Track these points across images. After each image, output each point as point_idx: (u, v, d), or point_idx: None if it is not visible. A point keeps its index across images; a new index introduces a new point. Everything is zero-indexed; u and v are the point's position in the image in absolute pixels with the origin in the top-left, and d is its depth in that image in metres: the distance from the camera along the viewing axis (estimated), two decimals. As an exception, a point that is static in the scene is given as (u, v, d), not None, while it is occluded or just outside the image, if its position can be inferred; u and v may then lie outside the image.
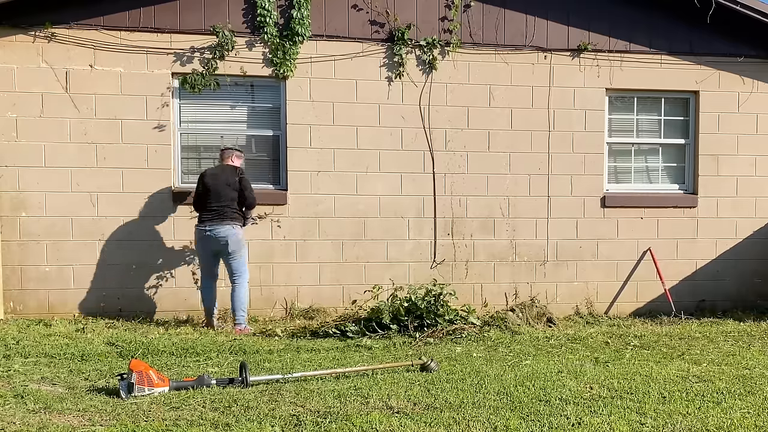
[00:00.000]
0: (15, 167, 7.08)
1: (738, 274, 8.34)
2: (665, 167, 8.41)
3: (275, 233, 7.54)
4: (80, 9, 7.14)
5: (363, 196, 7.70)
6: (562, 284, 8.05)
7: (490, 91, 7.88)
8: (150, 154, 7.30)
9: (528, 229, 8.00)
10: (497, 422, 3.89)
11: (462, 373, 5.07)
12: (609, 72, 8.07)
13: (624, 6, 8.06)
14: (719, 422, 3.96)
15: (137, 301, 7.33)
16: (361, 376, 5.00)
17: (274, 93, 7.64)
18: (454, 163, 7.83)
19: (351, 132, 7.66)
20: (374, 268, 7.72)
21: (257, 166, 7.71)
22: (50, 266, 7.18)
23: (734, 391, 4.62)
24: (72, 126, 7.16)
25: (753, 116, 8.33)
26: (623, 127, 8.34)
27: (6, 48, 7.05)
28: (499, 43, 7.88)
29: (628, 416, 4.04)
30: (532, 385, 4.71)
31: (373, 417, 3.92)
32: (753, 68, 8.28)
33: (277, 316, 7.52)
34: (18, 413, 3.98)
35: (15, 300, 7.14)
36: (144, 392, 4.37)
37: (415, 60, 7.76)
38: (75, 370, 5.16)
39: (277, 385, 4.73)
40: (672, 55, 8.17)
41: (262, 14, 7.37)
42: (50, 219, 7.15)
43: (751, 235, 8.34)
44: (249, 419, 3.91)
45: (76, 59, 7.16)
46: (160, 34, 7.29)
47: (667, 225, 8.22)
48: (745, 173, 8.32)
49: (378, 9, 7.65)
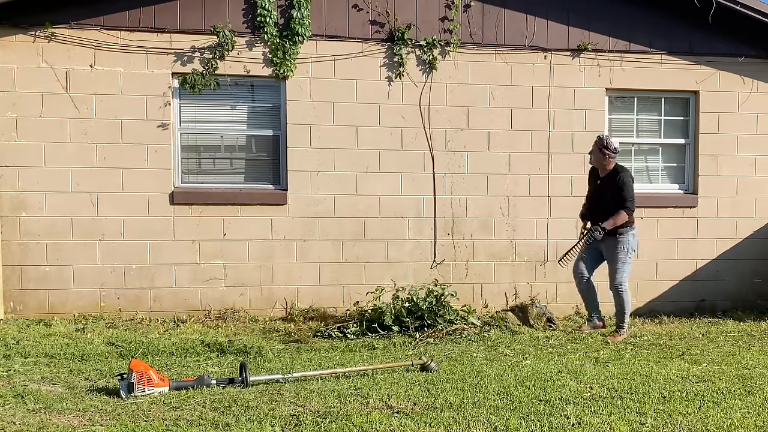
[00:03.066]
0: (15, 167, 7.08)
1: (738, 274, 8.34)
2: (665, 167, 8.41)
3: (275, 233, 7.54)
4: (80, 9, 7.13)
5: (363, 196, 7.70)
6: (562, 284, 8.04)
7: (490, 91, 7.88)
8: (150, 154, 7.30)
9: (528, 229, 8.00)
10: (497, 422, 3.89)
11: (462, 373, 5.07)
12: (609, 72, 8.07)
13: (624, 6, 8.06)
14: (719, 422, 3.96)
15: (137, 301, 7.32)
16: (361, 376, 5.00)
17: (274, 93, 7.63)
18: (454, 163, 7.83)
19: (351, 132, 7.65)
20: (374, 268, 7.72)
21: (257, 166, 7.71)
22: (50, 266, 7.17)
23: (734, 391, 4.62)
24: (72, 126, 7.16)
25: (753, 116, 8.32)
26: (623, 127, 8.34)
27: (6, 48, 7.04)
28: (499, 43, 7.88)
29: (628, 416, 4.04)
30: (532, 385, 4.70)
31: (373, 417, 3.92)
32: (753, 68, 8.27)
33: (277, 316, 7.52)
34: (18, 413, 3.98)
35: (15, 300, 7.14)
36: (144, 392, 4.37)
37: (415, 60, 7.76)
38: (75, 370, 5.16)
39: (277, 385, 4.73)
40: (672, 55, 8.17)
41: (262, 14, 7.37)
42: (50, 219, 7.15)
43: (751, 235, 8.34)
44: (249, 419, 3.91)
45: (76, 59, 7.15)
46: (160, 34, 7.29)
47: (667, 225, 8.22)
48: (745, 173, 8.31)
49: (378, 9, 7.65)
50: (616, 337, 6.62)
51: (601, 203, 6.65)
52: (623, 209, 6.50)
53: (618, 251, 6.61)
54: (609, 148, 6.57)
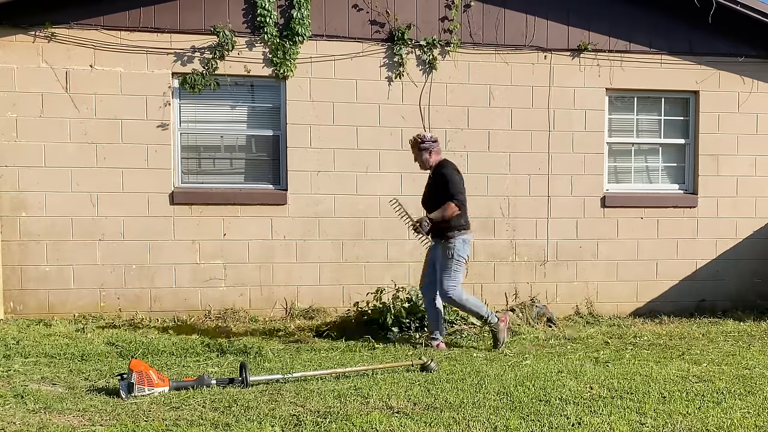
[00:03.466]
0: (15, 167, 7.08)
1: (738, 274, 8.34)
2: (665, 167, 8.41)
3: (275, 233, 7.54)
4: (80, 9, 7.14)
5: (363, 196, 7.70)
6: (562, 284, 8.05)
7: (490, 91, 7.88)
8: (150, 154, 7.30)
9: (528, 229, 8.00)
10: (497, 422, 3.89)
11: (462, 373, 5.07)
12: (609, 72, 8.07)
13: (624, 5, 8.06)
14: (719, 422, 3.95)
15: (137, 301, 7.33)
16: (361, 376, 5.00)
17: (274, 93, 7.64)
18: (454, 162, 7.80)
19: (351, 132, 7.65)
20: (374, 268, 7.72)
21: (257, 166, 7.71)
22: (50, 266, 7.17)
23: (734, 391, 4.62)
24: (72, 126, 7.16)
25: (753, 116, 8.32)
26: (623, 127, 8.34)
27: (6, 48, 7.05)
28: (499, 43, 7.88)
29: (628, 416, 4.04)
30: (532, 385, 4.70)
31: (373, 417, 3.91)
32: (753, 68, 8.27)
33: (277, 316, 7.52)
34: (18, 413, 3.98)
35: (15, 300, 7.14)
36: (144, 392, 4.37)
37: (415, 60, 7.76)
38: (75, 370, 5.16)
39: (277, 385, 4.72)
40: (672, 55, 8.17)
41: (262, 14, 7.37)
42: (50, 219, 7.15)
43: (751, 235, 8.34)
44: (249, 419, 3.91)
45: (76, 59, 7.15)
46: (160, 34, 7.29)
47: (667, 225, 8.22)
48: (745, 173, 8.31)
49: (378, 9, 7.65)
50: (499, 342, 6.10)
51: (431, 201, 6.23)
52: (452, 201, 6.02)
53: (445, 258, 6.07)
54: (425, 140, 6.19)
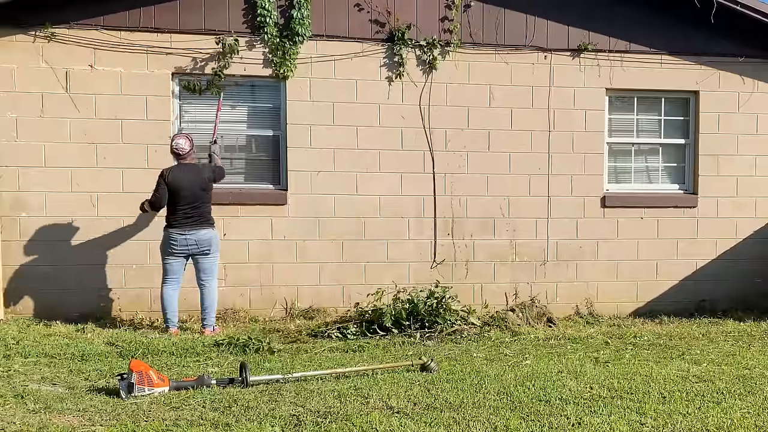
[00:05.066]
0: (15, 167, 7.08)
1: (738, 274, 8.33)
2: (665, 167, 8.41)
3: (275, 233, 7.54)
4: (80, 9, 7.13)
5: (363, 196, 7.69)
6: (562, 284, 8.05)
7: (490, 91, 7.88)
8: (150, 154, 7.30)
9: (528, 229, 8.00)
10: (497, 422, 3.89)
11: (462, 373, 5.07)
12: (609, 72, 8.07)
13: (624, 6, 8.06)
14: (719, 422, 3.96)
15: (137, 301, 7.32)
16: (361, 376, 5.00)
17: (274, 93, 7.63)
18: (454, 163, 7.83)
19: (351, 132, 7.65)
20: (374, 268, 7.72)
21: (257, 166, 7.71)
22: (50, 266, 7.17)
23: (734, 391, 4.62)
24: (72, 126, 7.16)
25: (753, 116, 8.32)
26: (623, 127, 8.33)
27: (6, 48, 7.04)
28: (499, 43, 7.88)
29: (628, 416, 4.04)
30: (532, 385, 4.71)
31: (373, 417, 3.92)
32: (753, 68, 8.27)
33: (277, 316, 7.51)
34: (18, 413, 3.99)
35: (15, 300, 7.14)
36: (144, 392, 4.37)
37: (416, 60, 7.76)
38: (75, 370, 5.16)
39: (277, 385, 4.73)
40: (672, 55, 8.16)
41: (262, 14, 7.37)
42: (50, 219, 7.15)
43: (751, 235, 8.34)
44: (249, 419, 3.92)
45: (76, 59, 7.15)
46: (160, 34, 7.29)
47: (667, 225, 8.22)
48: (745, 173, 8.31)
49: (378, 9, 7.65)
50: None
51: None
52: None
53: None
54: (172, 151, 6.77)
